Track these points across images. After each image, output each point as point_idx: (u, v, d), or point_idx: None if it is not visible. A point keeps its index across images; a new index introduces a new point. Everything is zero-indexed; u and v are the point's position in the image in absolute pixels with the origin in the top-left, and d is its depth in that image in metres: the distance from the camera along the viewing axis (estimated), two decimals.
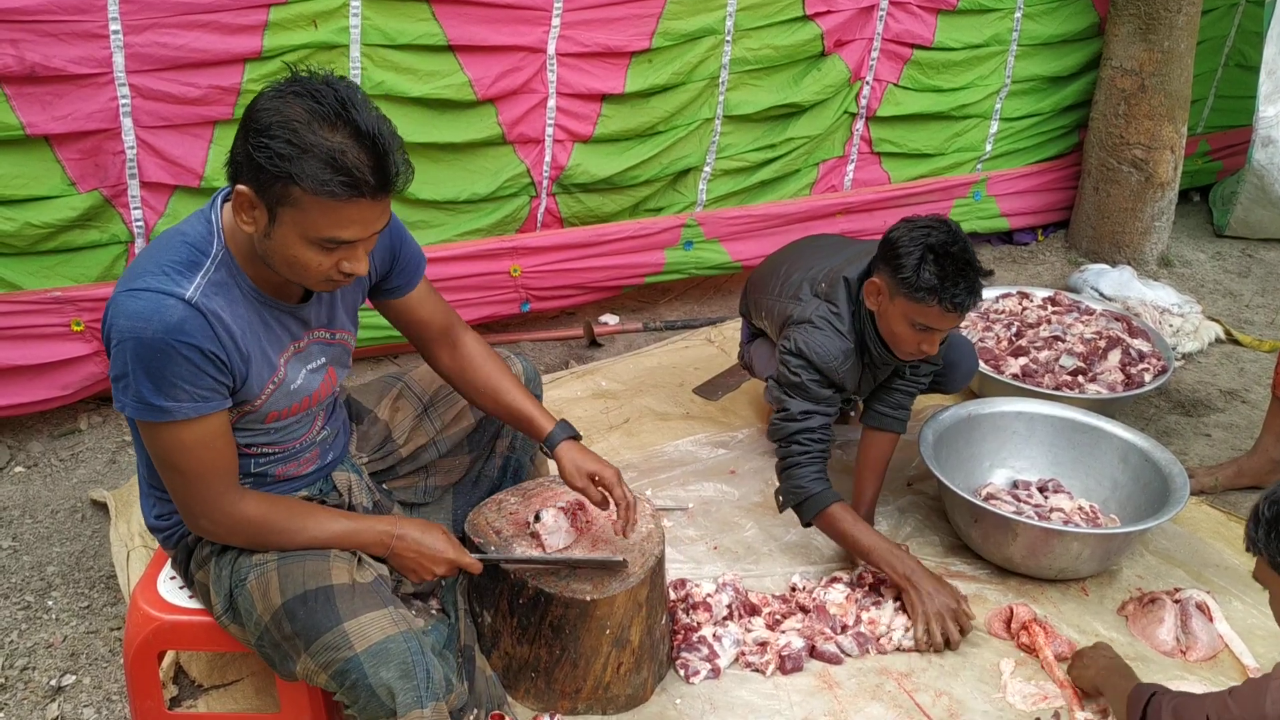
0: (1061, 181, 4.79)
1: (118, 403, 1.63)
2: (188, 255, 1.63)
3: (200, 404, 1.62)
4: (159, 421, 1.62)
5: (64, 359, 2.92)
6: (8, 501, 2.80)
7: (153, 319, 1.56)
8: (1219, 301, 4.43)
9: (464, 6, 3.17)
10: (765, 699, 2.19)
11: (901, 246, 2.30)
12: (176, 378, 1.59)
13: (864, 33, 4.00)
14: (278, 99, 1.53)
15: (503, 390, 2.04)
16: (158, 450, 1.67)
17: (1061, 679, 2.24)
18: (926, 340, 2.36)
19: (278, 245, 1.59)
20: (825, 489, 2.45)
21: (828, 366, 2.45)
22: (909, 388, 2.69)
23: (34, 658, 2.30)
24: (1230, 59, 5.08)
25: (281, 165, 1.50)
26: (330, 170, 1.50)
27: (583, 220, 3.71)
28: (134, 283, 1.60)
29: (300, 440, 1.88)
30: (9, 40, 2.62)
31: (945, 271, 2.25)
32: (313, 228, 1.55)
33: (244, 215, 1.58)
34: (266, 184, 1.53)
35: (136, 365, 1.58)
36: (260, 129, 1.51)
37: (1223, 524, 2.87)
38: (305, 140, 1.50)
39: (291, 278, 1.65)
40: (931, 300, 2.26)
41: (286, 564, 1.76)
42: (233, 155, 1.57)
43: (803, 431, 2.46)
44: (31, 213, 2.79)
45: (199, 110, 2.91)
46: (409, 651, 1.67)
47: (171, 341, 1.56)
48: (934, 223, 2.32)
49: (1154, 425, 3.42)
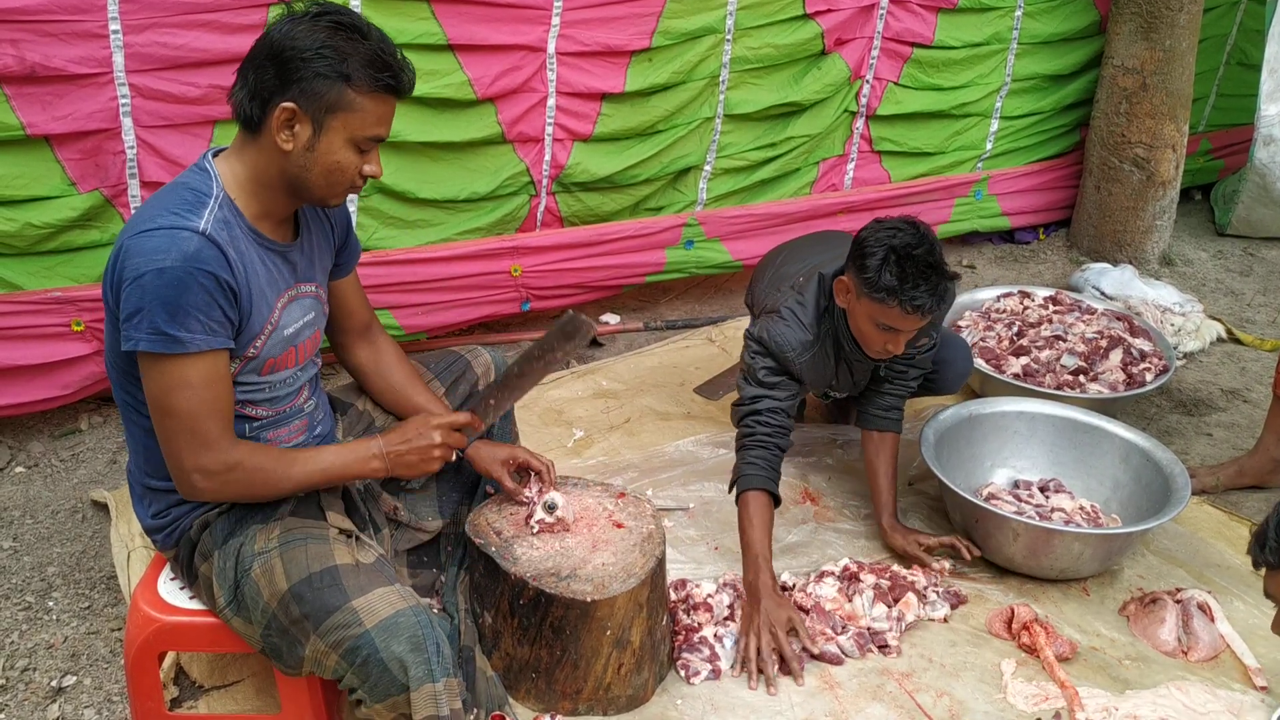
0: (1063, 180, 4.79)
1: (129, 341, 1.64)
2: (191, 197, 1.70)
3: (210, 337, 1.67)
4: (170, 354, 1.64)
5: (64, 359, 2.92)
6: (8, 502, 2.80)
7: (171, 250, 1.62)
8: (1220, 300, 4.43)
9: (463, 5, 3.17)
10: (766, 700, 2.19)
11: (867, 246, 2.33)
12: (192, 307, 1.63)
13: (864, 31, 3.99)
14: (300, 25, 1.67)
15: (415, 391, 2.14)
16: (162, 388, 1.67)
17: (1063, 679, 2.24)
18: (891, 340, 2.38)
19: (321, 155, 1.71)
20: (754, 473, 2.44)
21: (783, 356, 2.50)
22: (897, 390, 2.71)
23: (35, 658, 2.30)
24: (1232, 57, 5.08)
25: (336, 69, 1.65)
26: (377, 69, 1.68)
27: (582, 219, 3.71)
28: (143, 225, 1.65)
29: (289, 405, 1.91)
30: (9, 40, 2.61)
31: (906, 274, 2.26)
32: (360, 127, 1.70)
33: (282, 134, 1.69)
34: (318, 94, 1.66)
35: (153, 297, 1.61)
36: (304, 48, 1.65)
37: (1224, 524, 2.87)
38: (349, 48, 1.67)
39: (323, 193, 1.76)
40: (892, 301, 2.28)
41: (289, 549, 1.78)
42: (258, 85, 1.68)
43: (751, 415, 2.51)
44: (32, 213, 2.79)
45: (199, 110, 2.91)
46: (419, 625, 1.69)
47: (191, 268, 1.62)
48: (902, 224, 2.34)
49: (1155, 425, 3.42)
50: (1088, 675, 2.31)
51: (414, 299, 3.41)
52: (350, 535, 1.86)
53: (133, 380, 1.77)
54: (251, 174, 1.74)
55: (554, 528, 2.15)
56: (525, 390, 2.03)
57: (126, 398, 1.81)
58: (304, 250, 1.88)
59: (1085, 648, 2.39)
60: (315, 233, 1.93)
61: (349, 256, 2.05)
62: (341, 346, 2.15)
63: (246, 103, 1.70)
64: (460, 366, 2.28)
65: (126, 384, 1.79)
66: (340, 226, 2.01)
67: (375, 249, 3.32)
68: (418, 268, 3.37)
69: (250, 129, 1.72)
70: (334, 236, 2.00)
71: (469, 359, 2.30)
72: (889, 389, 2.70)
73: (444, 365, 2.28)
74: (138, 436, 1.83)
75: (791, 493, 2.89)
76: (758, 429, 2.49)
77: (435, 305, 3.46)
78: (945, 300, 2.35)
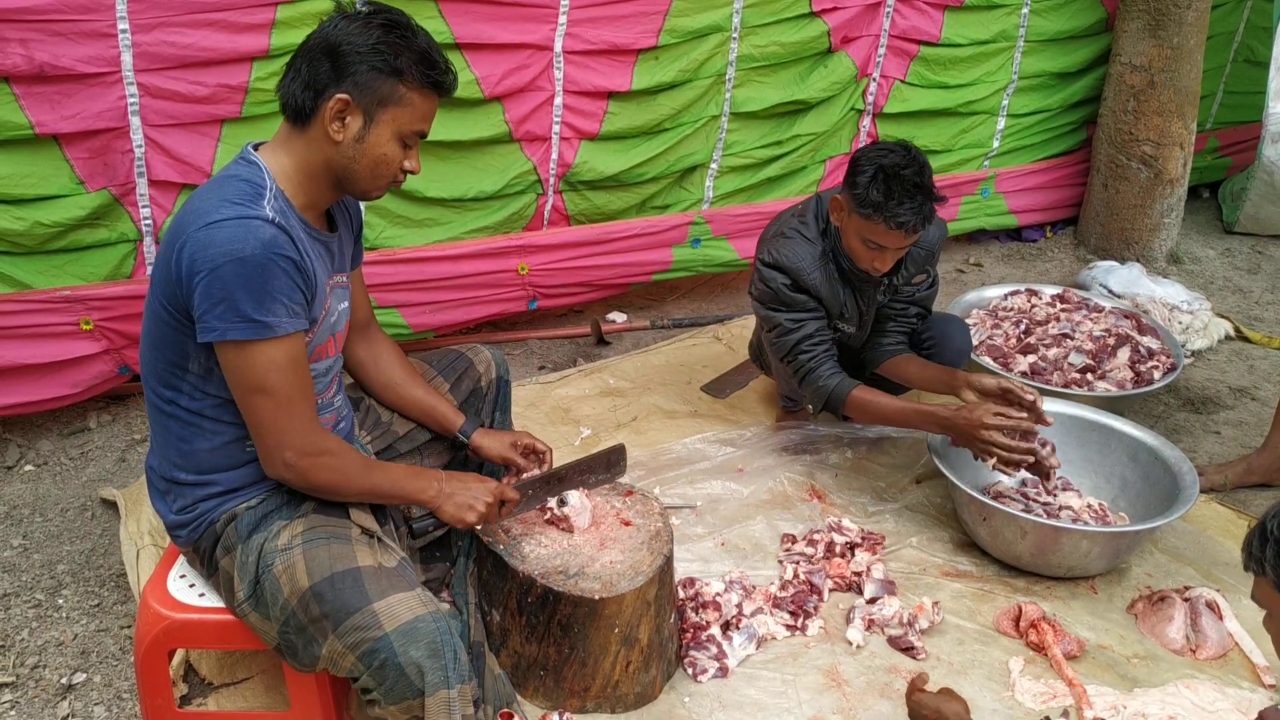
0: (1070, 178, 4.78)
1: (210, 332, 1.66)
2: (249, 189, 1.72)
3: (295, 319, 1.71)
4: (261, 339, 1.68)
5: (73, 358, 2.93)
6: (18, 500, 2.81)
7: (249, 238, 1.65)
8: (1228, 298, 4.42)
9: (471, 4, 3.17)
10: (774, 697, 2.19)
11: (860, 164, 2.45)
12: (277, 291, 1.67)
13: (870, 29, 3.99)
14: (355, 23, 1.73)
15: (413, 386, 2.19)
16: (252, 373, 1.70)
17: (1071, 677, 2.24)
18: (879, 258, 2.50)
19: (370, 146, 1.76)
20: (843, 380, 2.58)
21: (798, 269, 2.58)
22: (900, 327, 2.82)
23: (45, 656, 2.31)
24: (1239, 54, 5.06)
25: (390, 64, 1.72)
26: (427, 66, 1.75)
27: (589, 217, 3.71)
28: (210, 216, 1.67)
29: (323, 397, 1.93)
30: (18, 40, 2.62)
31: (892, 191, 2.38)
32: (408, 121, 1.77)
33: (334, 125, 1.74)
34: (371, 88, 1.72)
35: (238, 285, 1.64)
36: (360, 44, 1.71)
37: (1232, 522, 2.86)
38: (404, 45, 1.74)
39: (367, 185, 1.82)
40: (877, 218, 2.40)
41: (312, 548, 1.79)
42: (312, 77, 1.73)
43: (803, 339, 2.60)
44: (41, 212, 2.80)
45: (207, 109, 2.91)
46: (438, 632, 1.70)
47: (271, 255, 1.66)
48: (894, 146, 2.46)
49: (1163, 423, 3.41)
50: (1096, 673, 2.30)
51: (421, 297, 3.41)
52: (372, 535, 1.87)
53: (178, 372, 1.78)
54: (299, 165, 1.78)
55: (559, 523, 2.15)
56: (558, 494, 2.18)
57: (164, 390, 1.81)
58: (339, 241, 1.94)
59: (1093, 646, 2.39)
60: (343, 226, 1.97)
61: (359, 251, 2.10)
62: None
63: (299, 93, 1.74)
64: (462, 364, 2.31)
65: (169, 376, 1.79)
66: (357, 220, 2.06)
67: (383, 247, 3.33)
68: (425, 266, 3.37)
69: (300, 120, 1.76)
70: (353, 228, 2.04)
71: (471, 357, 2.33)
72: (891, 327, 2.80)
73: (446, 363, 2.31)
74: (171, 429, 1.83)
75: (798, 490, 2.89)
76: (816, 350, 2.60)
77: (443, 304, 3.47)
78: (929, 220, 2.44)
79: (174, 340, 1.75)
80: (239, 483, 1.86)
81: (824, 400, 2.59)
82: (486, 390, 2.32)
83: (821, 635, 2.37)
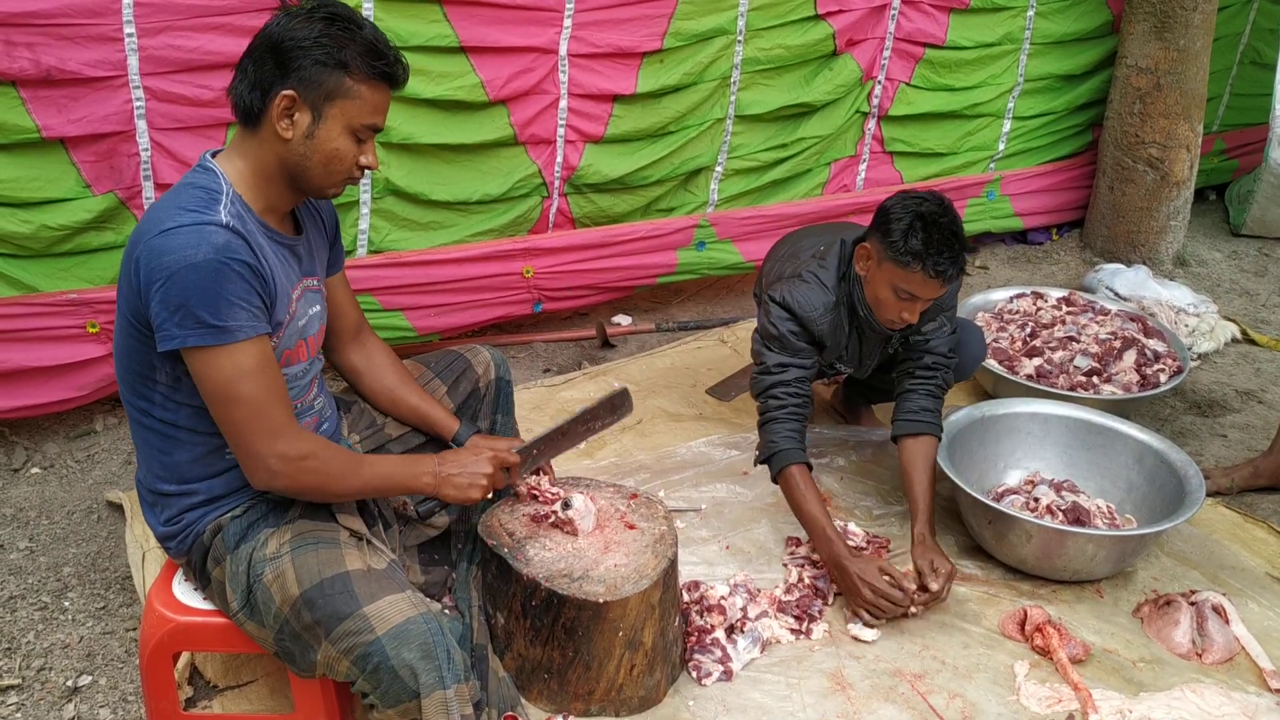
0: (1076, 180, 4.77)
1: (174, 340, 1.65)
2: (204, 195, 1.72)
3: (256, 323, 1.70)
4: (222, 345, 1.66)
5: (79, 360, 2.94)
6: (24, 503, 2.82)
7: (201, 244, 1.63)
8: (1235, 301, 4.40)
9: (476, 8, 3.18)
10: (778, 701, 2.19)
11: (893, 213, 2.41)
12: (234, 296, 1.66)
13: (876, 32, 3.99)
14: (297, 19, 1.71)
15: (408, 392, 2.16)
16: (221, 382, 1.68)
17: (1076, 681, 2.23)
18: (908, 308, 2.45)
19: (320, 142, 1.74)
20: (793, 448, 2.51)
21: (808, 317, 2.56)
22: (924, 387, 2.65)
23: (50, 658, 2.31)
24: (1245, 56, 5.05)
25: (334, 57, 1.70)
26: (373, 57, 1.73)
27: (594, 220, 3.71)
28: (164, 224, 1.66)
29: (300, 401, 1.92)
30: (25, 44, 2.63)
31: (931, 239, 2.35)
32: (357, 114, 1.75)
33: (282, 123, 1.72)
34: (316, 82, 1.71)
35: (193, 292, 1.63)
36: (302, 39, 1.70)
37: (1239, 525, 2.85)
38: (348, 38, 1.72)
39: (321, 182, 1.79)
40: (916, 266, 2.36)
41: (300, 555, 1.78)
42: (258, 77, 1.72)
43: (779, 385, 2.56)
44: (47, 215, 2.81)
45: (212, 112, 2.92)
46: (429, 633, 1.69)
47: (224, 259, 1.64)
48: (927, 195, 2.43)
49: (1169, 426, 3.40)
50: (1101, 677, 2.30)
51: (427, 300, 3.42)
52: (361, 538, 1.86)
53: (147, 383, 1.78)
54: (254, 168, 1.77)
55: (564, 526, 2.15)
56: (565, 449, 2.19)
57: (138, 401, 1.81)
58: (306, 244, 1.92)
59: (1099, 650, 2.38)
60: (311, 229, 1.95)
61: (338, 254, 2.08)
62: (333, 348, 2.15)
63: (247, 94, 1.73)
64: (460, 365, 2.30)
65: (141, 387, 1.79)
66: (330, 223, 2.05)
67: (388, 250, 3.34)
68: (430, 269, 3.38)
69: (250, 122, 1.75)
70: (326, 232, 2.03)
71: (469, 358, 2.31)
72: (914, 385, 2.65)
73: (444, 364, 2.30)
74: (150, 441, 1.84)
75: None
76: (788, 400, 2.54)
77: (448, 307, 3.47)
78: (964, 268, 2.43)
79: (140, 351, 1.75)
80: (221, 490, 1.86)
81: (766, 456, 2.54)
82: (485, 391, 2.31)
83: (826, 639, 2.37)
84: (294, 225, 1.91)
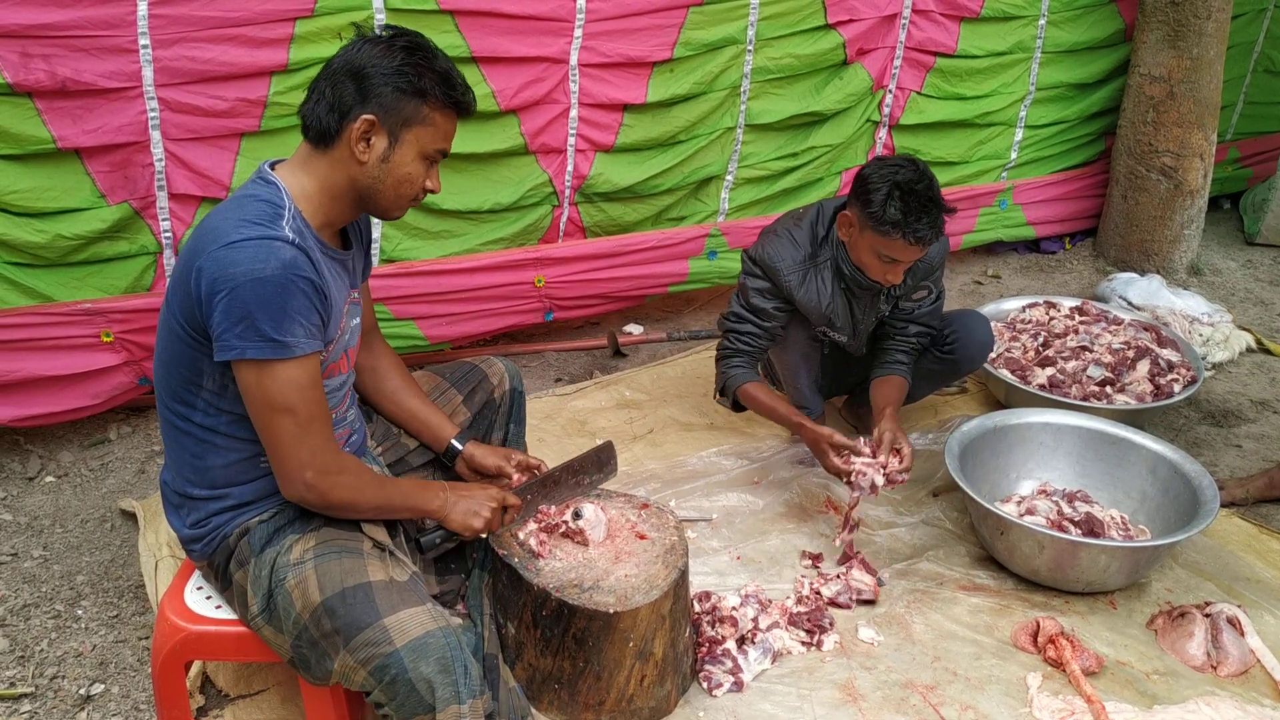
0: (1089, 189, 4.75)
1: (234, 350, 1.68)
2: (268, 209, 1.74)
3: (311, 340, 1.73)
4: (281, 359, 1.69)
5: (94, 369, 2.96)
6: (38, 511, 2.83)
7: (269, 259, 1.66)
8: (1250, 310, 4.38)
9: (487, 19, 3.19)
10: (789, 712, 2.18)
11: (871, 182, 2.49)
12: (296, 312, 1.69)
13: (886, 41, 3.98)
14: (377, 46, 1.77)
15: (409, 396, 2.20)
16: (275, 393, 1.71)
17: (1089, 694, 2.22)
18: (892, 270, 2.57)
19: (395, 165, 1.80)
20: (742, 374, 2.77)
21: (775, 268, 2.69)
22: (901, 345, 2.88)
23: (64, 666, 2.32)
24: (1258, 64, 5.03)
25: (418, 84, 1.76)
26: (449, 87, 1.80)
27: (605, 229, 3.72)
28: (229, 236, 1.68)
29: (336, 412, 1.94)
30: (41, 55, 2.66)
31: (909, 207, 2.44)
32: (431, 140, 1.81)
33: (359, 146, 1.77)
34: (396, 108, 1.76)
35: (258, 305, 1.65)
36: (384, 67, 1.75)
37: (1254, 537, 2.83)
38: (426, 67, 1.78)
39: (390, 203, 1.84)
40: (895, 234, 2.45)
41: (324, 562, 1.79)
42: (338, 99, 1.76)
43: (732, 332, 2.79)
44: (63, 225, 2.83)
45: (226, 123, 2.94)
46: (448, 647, 1.70)
47: (291, 276, 1.68)
48: (903, 161, 2.51)
49: (1183, 436, 3.38)
50: (1115, 690, 2.28)
51: (438, 309, 3.43)
52: (384, 549, 1.88)
53: (192, 389, 1.79)
54: (321, 186, 1.81)
55: (575, 536, 2.15)
56: (556, 501, 2.23)
57: (178, 406, 1.82)
58: (354, 258, 1.96)
59: (1112, 662, 2.36)
60: (355, 242, 1.99)
61: (368, 264, 2.11)
62: None
63: (324, 115, 1.77)
64: (476, 376, 2.33)
65: (184, 392, 1.81)
66: (368, 234, 2.09)
67: (400, 260, 3.35)
68: (442, 279, 3.39)
69: (323, 141, 1.79)
70: (364, 243, 2.06)
71: (484, 369, 2.34)
72: (892, 344, 2.88)
73: (460, 375, 2.32)
74: (185, 445, 1.85)
75: (814, 503, 2.89)
76: (738, 345, 2.78)
77: (459, 315, 3.48)
78: (941, 231, 2.52)
79: (189, 358, 1.76)
80: (252, 496, 1.87)
81: (722, 385, 2.80)
82: (500, 402, 2.33)
83: (837, 650, 2.36)
84: (343, 239, 1.95)
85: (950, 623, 2.46)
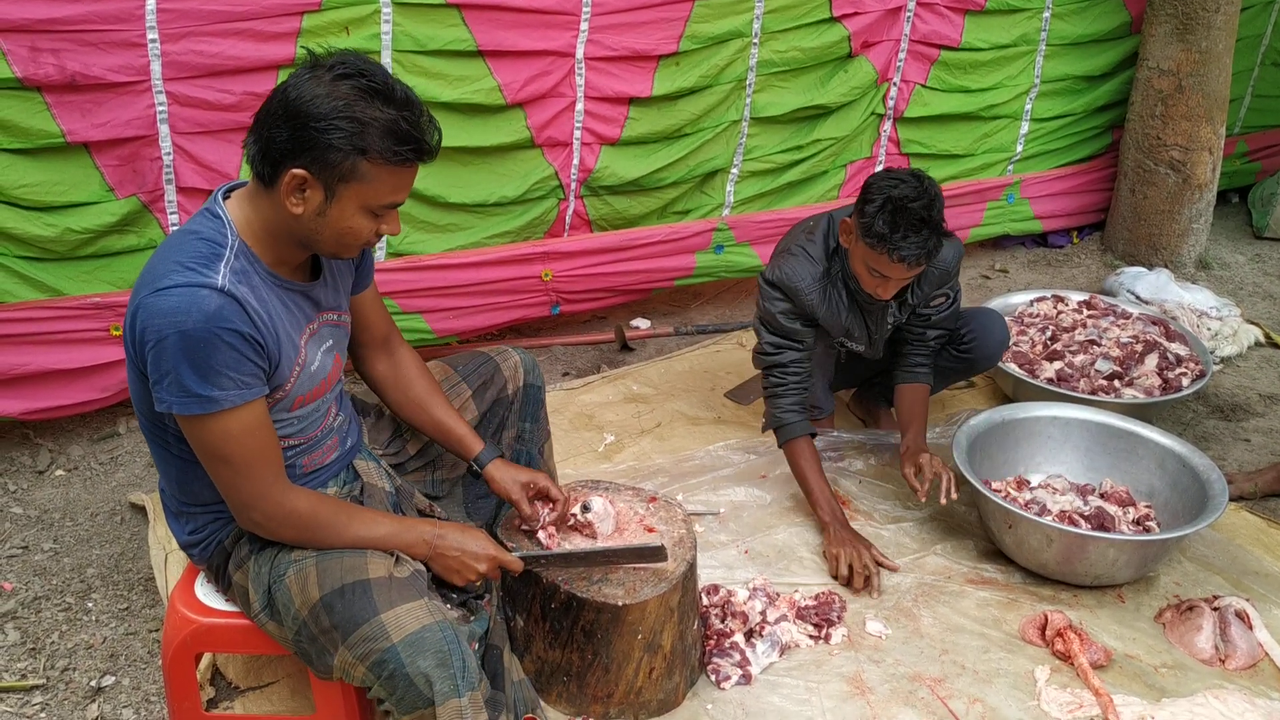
0: (1096, 183, 4.74)
1: (161, 403, 1.64)
2: (205, 249, 1.66)
3: (244, 390, 1.65)
4: (206, 413, 1.64)
5: (103, 363, 2.96)
6: (48, 504, 2.84)
7: (191, 310, 1.58)
8: (1258, 304, 4.37)
9: (493, 12, 3.19)
10: (798, 704, 2.18)
11: (870, 191, 2.44)
12: (221, 365, 1.61)
13: (891, 34, 3.98)
14: (319, 84, 1.59)
15: (434, 405, 2.10)
16: (206, 443, 1.68)
17: (1098, 687, 2.22)
18: (881, 285, 2.50)
19: (332, 221, 1.66)
20: (797, 421, 2.69)
21: (796, 289, 2.62)
22: (920, 349, 2.85)
23: (74, 659, 2.33)
24: (1267, 58, 5.01)
25: (353, 142, 1.59)
26: (394, 140, 1.61)
27: (610, 222, 3.72)
28: (159, 283, 1.61)
29: (320, 429, 1.91)
30: (49, 50, 2.66)
31: (897, 224, 2.36)
32: (374, 197, 1.65)
33: (292, 198, 1.63)
34: (331, 164, 1.60)
35: (180, 358, 1.59)
36: (320, 114, 1.58)
37: (1262, 530, 2.83)
38: (366, 116, 1.59)
39: (334, 251, 1.73)
40: (881, 249, 2.39)
41: (325, 559, 1.79)
42: (269, 145, 1.61)
43: (775, 366, 2.70)
44: (71, 218, 2.84)
45: (234, 116, 2.94)
46: (445, 641, 1.69)
47: (214, 329, 1.59)
48: (908, 175, 2.43)
49: (1192, 430, 3.38)
50: (1123, 683, 2.28)
51: (445, 303, 3.43)
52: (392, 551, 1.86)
53: (159, 422, 1.77)
54: (264, 224, 1.70)
55: (583, 529, 2.15)
56: (579, 576, 2.07)
57: (155, 430, 1.80)
58: (327, 283, 1.86)
59: (1120, 655, 2.36)
60: (331, 264, 1.89)
61: (365, 273, 2.01)
62: (360, 359, 2.11)
63: (259, 160, 1.64)
64: (489, 370, 2.24)
65: (154, 424, 1.79)
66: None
67: (406, 254, 3.35)
68: (449, 272, 3.39)
69: (264, 182, 1.67)
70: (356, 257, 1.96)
71: (498, 361, 2.26)
72: (911, 350, 2.84)
73: (472, 368, 2.24)
74: (170, 463, 1.83)
75: None
76: (787, 379, 2.68)
77: (466, 309, 3.48)
78: (933, 255, 2.42)
79: (147, 393, 1.71)
80: None
81: (775, 426, 2.72)
82: (513, 399, 2.25)
83: (845, 643, 2.36)
84: (312, 268, 1.84)
85: (958, 616, 2.46)
